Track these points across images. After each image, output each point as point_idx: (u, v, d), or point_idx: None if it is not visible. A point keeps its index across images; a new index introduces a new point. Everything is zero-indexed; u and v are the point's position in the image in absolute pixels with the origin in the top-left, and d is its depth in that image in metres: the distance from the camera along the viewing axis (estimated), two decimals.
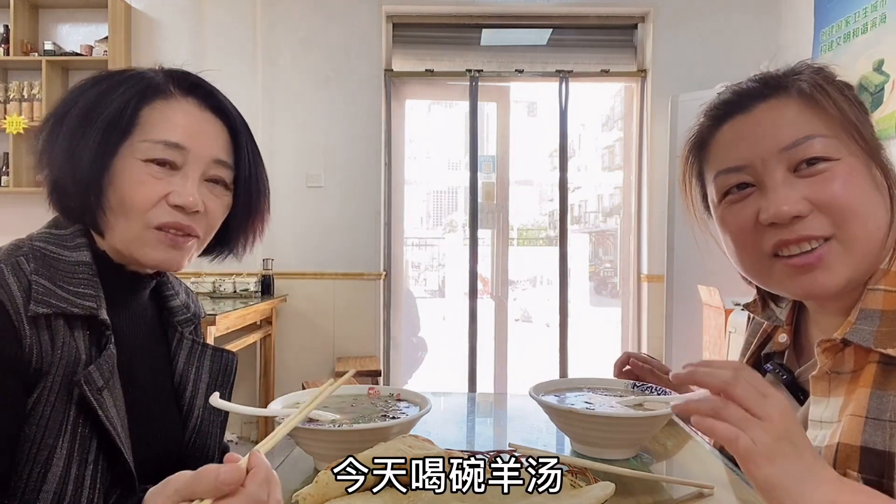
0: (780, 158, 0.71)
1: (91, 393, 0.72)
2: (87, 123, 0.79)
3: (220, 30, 3.82)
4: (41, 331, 0.72)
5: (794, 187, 0.70)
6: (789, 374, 0.81)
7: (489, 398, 1.78)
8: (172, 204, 0.80)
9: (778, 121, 0.72)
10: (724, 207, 0.77)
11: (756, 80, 0.77)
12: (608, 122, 14.81)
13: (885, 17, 2.82)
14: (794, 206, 0.69)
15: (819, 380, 0.71)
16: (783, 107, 0.72)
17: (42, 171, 0.82)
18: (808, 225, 0.69)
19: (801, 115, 0.71)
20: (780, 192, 0.70)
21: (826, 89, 0.72)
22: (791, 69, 0.76)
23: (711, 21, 3.82)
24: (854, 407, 0.66)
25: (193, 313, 0.97)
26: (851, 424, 0.65)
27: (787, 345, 0.85)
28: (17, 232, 0.86)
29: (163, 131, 0.80)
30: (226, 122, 0.87)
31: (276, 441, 0.64)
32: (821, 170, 0.69)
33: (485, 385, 4.11)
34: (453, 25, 4.04)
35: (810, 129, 0.70)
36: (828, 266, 0.70)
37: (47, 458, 0.71)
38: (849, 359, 0.69)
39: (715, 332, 3.05)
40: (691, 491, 0.78)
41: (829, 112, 0.70)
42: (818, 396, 0.71)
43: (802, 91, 0.72)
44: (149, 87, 0.82)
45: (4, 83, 3.75)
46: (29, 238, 0.80)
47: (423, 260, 10.35)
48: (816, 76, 0.74)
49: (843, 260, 0.70)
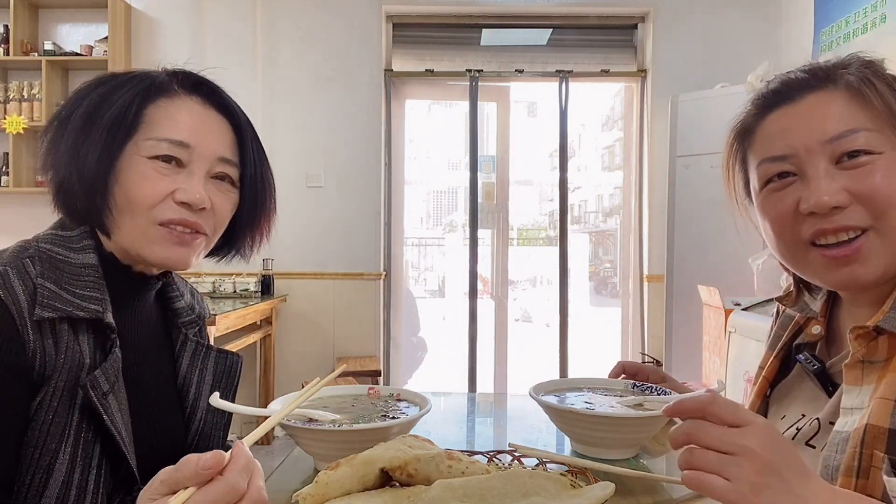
0: (824, 150, 0.72)
1: (97, 398, 0.72)
2: (92, 124, 0.78)
3: (220, 30, 3.82)
4: (45, 335, 0.72)
5: (836, 179, 0.71)
6: (820, 363, 0.81)
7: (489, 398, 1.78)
8: (178, 201, 0.80)
9: (824, 113, 0.73)
10: (765, 195, 0.78)
11: (805, 71, 0.78)
12: (608, 122, 14.82)
13: (885, 17, 2.82)
14: (835, 197, 0.70)
15: (852, 368, 0.71)
16: (830, 99, 0.73)
17: (46, 173, 0.81)
18: (847, 216, 0.70)
19: (847, 109, 0.72)
20: (822, 183, 0.71)
21: (874, 83, 0.72)
22: (841, 61, 0.77)
23: (711, 21, 3.82)
24: (884, 390, 0.66)
25: (198, 314, 0.97)
26: (881, 407, 0.65)
27: (820, 336, 0.85)
28: (17, 232, 0.86)
29: (167, 129, 0.80)
30: (230, 119, 0.87)
31: (261, 435, 0.64)
32: (862, 162, 0.70)
33: (485, 385, 4.11)
34: (453, 25, 4.04)
35: (855, 122, 0.71)
36: (865, 257, 0.71)
37: (50, 462, 0.71)
38: (882, 347, 0.69)
39: (715, 332, 3.05)
40: (691, 491, 0.78)
41: (876, 106, 0.71)
42: (851, 385, 0.71)
43: (850, 84, 0.73)
44: (152, 86, 0.82)
45: (4, 83, 3.74)
46: (35, 239, 0.80)
47: (423, 260, 10.35)
48: (865, 69, 0.74)
49: (880, 251, 0.71)
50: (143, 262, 0.83)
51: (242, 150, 0.88)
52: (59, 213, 0.83)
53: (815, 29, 3.34)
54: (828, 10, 3.24)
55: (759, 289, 2.81)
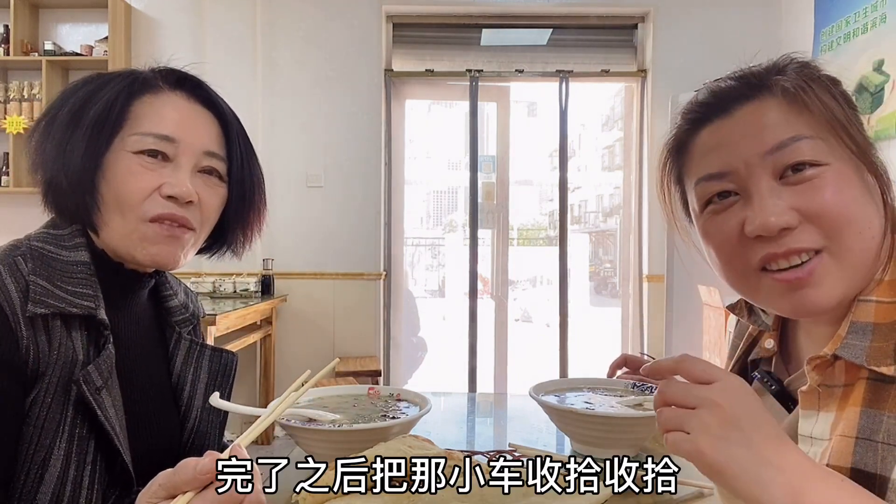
0: (765, 164, 0.66)
1: (90, 393, 0.72)
2: (77, 122, 0.79)
3: (220, 30, 3.82)
4: (38, 331, 0.72)
5: (781, 196, 0.64)
6: (778, 383, 0.77)
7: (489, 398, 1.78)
8: (165, 195, 0.79)
9: (761, 123, 0.67)
10: (706, 218, 0.72)
11: (735, 79, 0.72)
12: (608, 122, 14.82)
13: (885, 17, 2.82)
14: (782, 218, 0.63)
15: (808, 394, 0.67)
16: (765, 108, 0.67)
17: (35, 172, 0.81)
18: (797, 237, 0.64)
19: (784, 117, 0.66)
20: (767, 202, 0.64)
21: (812, 87, 0.66)
22: (774, 65, 0.71)
23: (711, 21, 3.82)
24: (844, 427, 0.62)
25: (192, 313, 0.97)
26: (841, 445, 0.62)
27: (773, 351, 0.81)
28: (17, 232, 0.86)
29: (153, 124, 0.80)
30: (216, 114, 0.87)
31: (256, 434, 0.64)
32: (809, 176, 0.64)
33: (485, 385, 4.11)
34: (453, 25, 4.04)
35: (795, 130, 0.65)
36: (819, 281, 0.64)
37: (44, 458, 0.71)
38: (839, 373, 0.65)
39: (715, 332, 3.05)
40: (691, 491, 0.78)
41: (815, 112, 0.65)
42: (807, 410, 0.67)
43: (786, 90, 0.67)
44: (136, 82, 0.82)
45: (4, 83, 3.75)
46: (27, 238, 0.80)
47: (423, 260, 10.35)
48: (800, 73, 0.69)
49: (835, 274, 0.64)
50: (132, 259, 0.82)
51: (229, 145, 0.87)
52: (49, 213, 0.83)
53: (815, 29, 3.34)
54: (828, 10, 3.24)
55: None
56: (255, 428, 0.65)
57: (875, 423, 0.60)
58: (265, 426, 0.67)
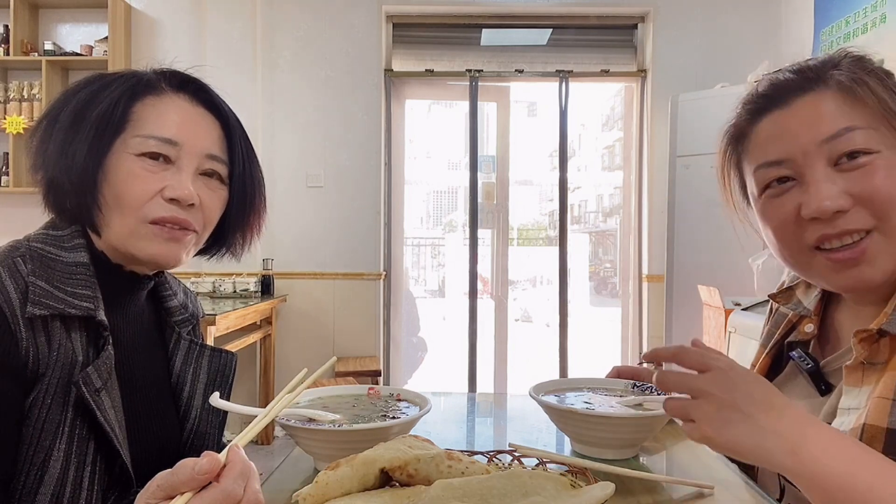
0: (820, 152, 0.71)
1: (89, 394, 0.72)
2: (80, 122, 0.79)
3: (221, 30, 3.82)
4: (38, 333, 0.72)
5: (835, 182, 0.70)
6: (814, 363, 0.81)
7: (489, 398, 1.78)
8: (167, 198, 0.80)
9: (817, 114, 0.72)
10: (764, 201, 0.77)
11: (794, 72, 0.76)
12: (608, 122, 14.82)
13: (885, 17, 2.82)
14: (836, 202, 0.69)
15: (853, 370, 0.70)
16: (821, 100, 0.72)
17: (36, 172, 0.81)
18: (849, 219, 0.70)
19: (840, 108, 0.71)
20: (822, 187, 0.70)
21: (865, 80, 0.71)
22: (830, 59, 0.75)
23: (711, 21, 3.82)
24: (881, 389, 0.66)
25: (191, 313, 0.97)
26: (878, 406, 0.65)
27: (813, 334, 0.84)
28: (17, 232, 0.86)
29: (155, 126, 0.80)
30: (218, 117, 0.87)
31: (254, 434, 0.64)
32: (861, 163, 0.69)
33: (485, 385, 4.11)
34: (453, 25, 4.04)
35: (850, 121, 0.70)
36: (871, 259, 0.70)
37: (44, 460, 0.71)
38: (884, 349, 0.69)
39: (715, 332, 3.05)
40: (691, 491, 0.78)
41: (868, 104, 0.70)
42: (850, 386, 0.71)
43: (841, 84, 0.72)
44: (139, 84, 0.82)
45: (4, 83, 3.75)
46: (26, 239, 0.80)
47: (423, 260, 10.35)
48: (855, 67, 0.73)
49: (886, 251, 0.70)
50: (133, 260, 0.82)
51: (231, 148, 0.87)
52: (49, 213, 0.83)
53: (815, 29, 3.34)
54: (828, 10, 3.24)
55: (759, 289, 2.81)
56: (252, 428, 0.65)
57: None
58: (263, 426, 0.66)
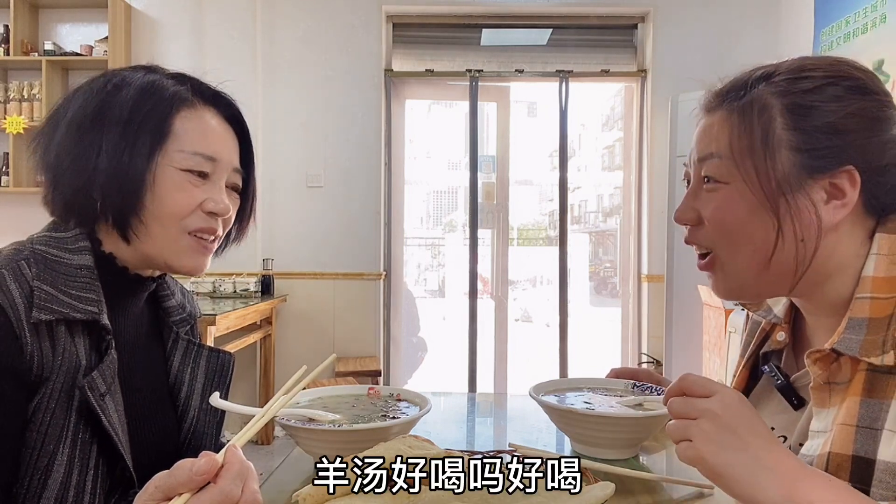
0: (699, 168, 0.76)
1: (94, 399, 0.72)
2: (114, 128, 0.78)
3: (221, 30, 3.82)
4: (42, 337, 0.72)
5: (697, 197, 0.76)
6: (784, 377, 0.79)
7: (489, 398, 1.78)
8: (207, 210, 0.83)
9: (703, 133, 0.76)
10: None
11: (721, 89, 0.76)
12: (608, 122, 14.82)
13: (885, 17, 2.82)
14: (682, 214, 0.76)
15: (819, 391, 0.69)
16: (714, 120, 0.75)
17: (48, 172, 0.80)
18: (693, 234, 0.77)
19: (719, 132, 0.73)
20: (685, 199, 0.77)
21: (752, 109, 0.70)
22: (757, 76, 0.74)
23: (711, 21, 3.82)
24: (844, 416, 0.65)
25: (189, 313, 0.97)
26: (842, 433, 0.64)
27: (785, 343, 0.83)
28: (17, 232, 0.86)
29: (198, 143, 0.82)
30: (238, 130, 0.90)
31: (252, 434, 0.64)
32: (711, 188, 0.74)
33: (485, 385, 4.11)
34: (453, 25, 4.04)
35: (715, 147, 0.73)
36: (714, 274, 0.77)
37: (47, 464, 0.71)
38: (845, 368, 0.68)
39: (715, 332, 3.05)
40: (691, 491, 0.78)
41: (734, 136, 0.71)
42: (819, 407, 0.69)
43: (731, 107, 0.73)
44: (175, 96, 0.82)
45: (4, 83, 3.75)
46: (29, 241, 0.79)
47: (423, 260, 10.35)
48: (762, 90, 0.71)
49: (719, 273, 0.76)
50: (166, 268, 0.85)
51: (246, 160, 0.91)
52: (54, 214, 0.82)
53: (815, 29, 3.34)
54: (828, 10, 3.24)
55: None
56: (251, 427, 0.65)
57: (875, 412, 0.64)
58: (262, 425, 0.66)
